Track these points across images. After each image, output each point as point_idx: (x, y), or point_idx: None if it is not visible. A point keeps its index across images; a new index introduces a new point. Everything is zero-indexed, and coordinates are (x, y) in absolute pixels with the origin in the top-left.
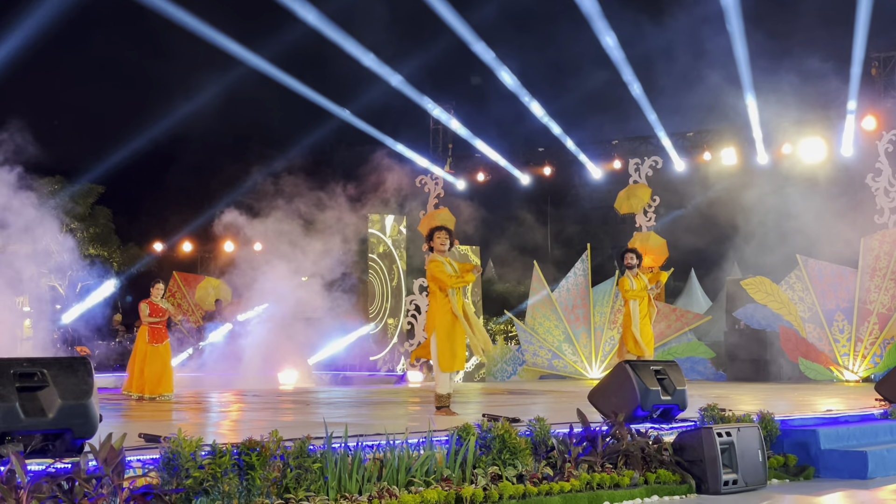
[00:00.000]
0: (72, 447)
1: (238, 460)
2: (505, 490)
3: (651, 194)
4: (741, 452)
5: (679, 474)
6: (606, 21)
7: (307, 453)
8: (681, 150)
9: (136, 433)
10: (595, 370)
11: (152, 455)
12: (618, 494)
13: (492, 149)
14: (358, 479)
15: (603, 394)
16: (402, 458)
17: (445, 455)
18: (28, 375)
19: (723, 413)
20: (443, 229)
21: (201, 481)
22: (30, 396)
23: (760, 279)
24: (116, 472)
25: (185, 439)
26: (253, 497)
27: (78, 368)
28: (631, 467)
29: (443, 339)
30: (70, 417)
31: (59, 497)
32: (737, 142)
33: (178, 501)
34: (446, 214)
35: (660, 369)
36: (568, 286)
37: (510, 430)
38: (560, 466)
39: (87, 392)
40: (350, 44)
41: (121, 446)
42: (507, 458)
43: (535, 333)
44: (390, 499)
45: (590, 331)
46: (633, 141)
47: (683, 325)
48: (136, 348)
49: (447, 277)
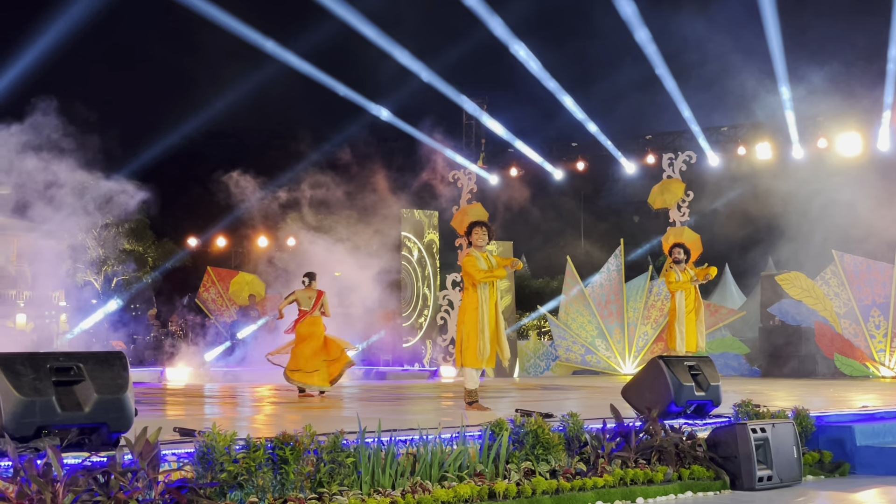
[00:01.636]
0: (108, 441)
1: (272, 454)
2: (538, 485)
3: (685, 189)
4: (776, 449)
5: (713, 470)
6: (640, 16)
7: (340, 448)
8: (715, 145)
9: (171, 427)
10: (628, 366)
11: (187, 449)
12: (651, 490)
13: (525, 144)
14: (391, 474)
15: (636, 389)
16: (435, 453)
17: (478, 450)
18: (64, 370)
19: (757, 409)
20: (482, 224)
21: (235, 475)
22: (66, 391)
23: (795, 274)
24: (152, 465)
25: (220, 433)
26: (287, 491)
27: (113, 363)
28: (664, 463)
29: (470, 334)
30: (106, 411)
31: (95, 490)
32: (772, 136)
33: (212, 495)
34: (479, 209)
35: (694, 365)
36: (601, 281)
37: (543, 425)
38: (593, 462)
39: (123, 386)
40: (384, 40)
41: (156, 440)
42: (540, 453)
43: (569, 329)
44: (423, 493)
45: (623, 326)
46: (666, 136)
47: (717, 320)
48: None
49: (476, 272)
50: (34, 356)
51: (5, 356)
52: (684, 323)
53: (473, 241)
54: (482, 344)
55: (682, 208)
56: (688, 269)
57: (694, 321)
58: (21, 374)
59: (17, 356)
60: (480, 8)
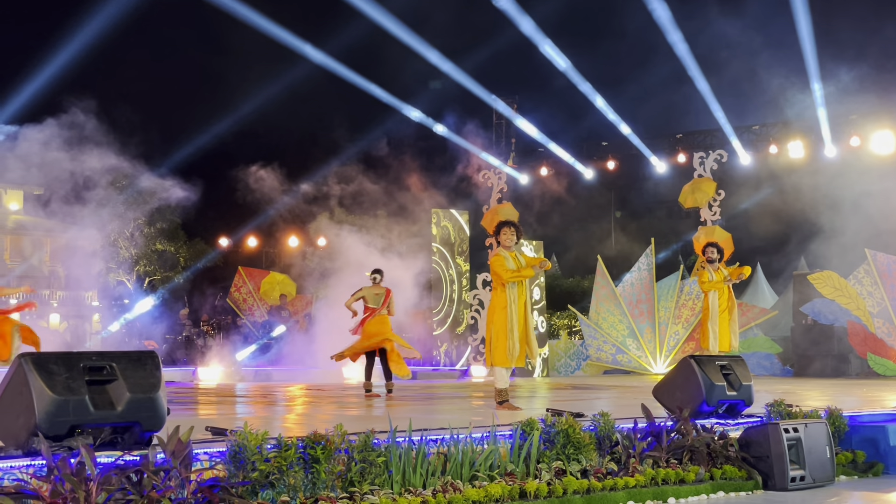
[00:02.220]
0: (140, 440)
1: (303, 454)
2: (569, 485)
3: (716, 188)
4: (808, 448)
5: (745, 470)
6: (671, 14)
7: (371, 447)
8: (746, 144)
9: (203, 426)
10: (660, 365)
11: (219, 448)
12: (683, 490)
13: (555, 143)
14: (422, 473)
15: (668, 389)
16: (465, 453)
17: (509, 450)
18: (97, 369)
19: (790, 409)
20: (510, 224)
21: (267, 474)
22: (99, 390)
23: (828, 273)
24: (184, 464)
25: (251, 433)
26: (318, 490)
27: (146, 362)
28: (696, 463)
29: (499, 334)
30: (138, 410)
31: (127, 489)
32: (804, 135)
33: (244, 494)
34: (509, 209)
35: (725, 364)
36: (632, 281)
37: (574, 424)
38: (624, 462)
39: (155, 385)
40: (414, 40)
41: (188, 439)
42: (571, 452)
43: (599, 328)
44: (454, 493)
45: (654, 326)
46: (697, 134)
47: (749, 319)
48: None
49: (504, 271)
50: (67, 355)
51: (39, 356)
52: (717, 322)
53: (502, 242)
54: (511, 343)
55: (712, 207)
56: (721, 269)
57: (727, 320)
58: (54, 374)
59: (50, 356)
60: (510, 7)
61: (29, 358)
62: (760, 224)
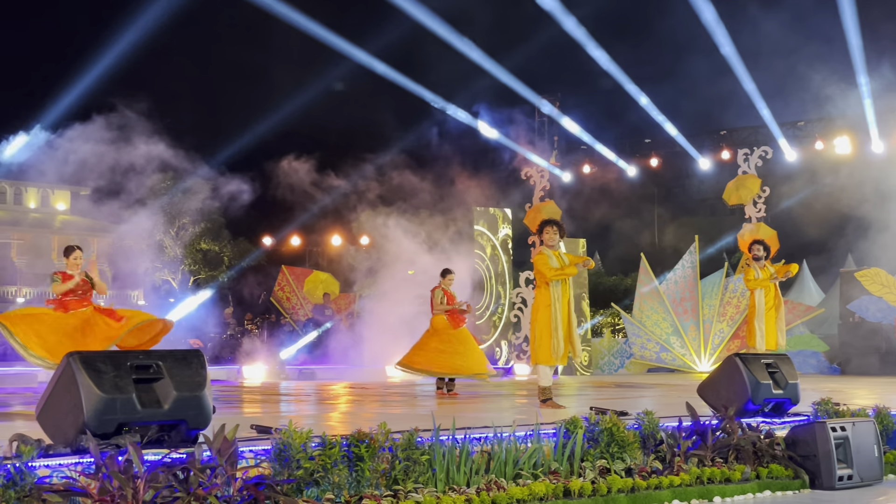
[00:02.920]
0: (186, 438)
1: (347, 452)
2: (613, 484)
3: (761, 185)
4: (856, 447)
5: (792, 469)
6: (715, 10)
7: (415, 445)
8: (792, 140)
9: (249, 424)
10: (704, 363)
11: (264, 446)
12: (729, 489)
13: (598, 141)
14: (466, 472)
15: (713, 387)
16: (509, 451)
17: (553, 448)
18: (144, 367)
19: (837, 407)
20: (552, 223)
21: (312, 472)
22: (146, 388)
23: (875, 270)
24: (230, 462)
25: (296, 431)
26: (362, 488)
27: (192, 361)
28: (742, 462)
29: (543, 332)
30: (185, 409)
31: (174, 486)
32: (850, 130)
33: (289, 492)
34: (552, 207)
35: (771, 363)
36: (676, 278)
37: (618, 423)
38: (669, 460)
39: (201, 384)
40: (456, 38)
41: (234, 437)
42: (616, 451)
43: (643, 326)
44: (498, 491)
45: (698, 323)
46: (741, 131)
47: (796, 317)
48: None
49: (548, 270)
50: (115, 354)
51: (87, 354)
52: (764, 320)
53: (544, 240)
54: (556, 342)
55: (757, 204)
56: (767, 266)
57: (774, 318)
58: (102, 372)
59: (98, 354)
60: (553, 6)
61: (77, 357)
62: (806, 221)
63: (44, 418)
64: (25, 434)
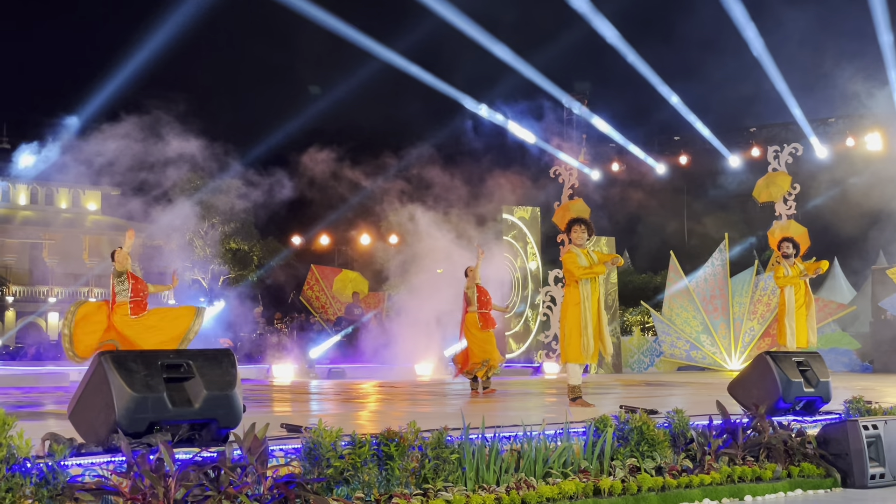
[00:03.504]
0: (217, 436)
1: (377, 450)
2: (643, 482)
3: (791, 182)
4: (888, 446)
5: (824, 468)
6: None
7: (445, 444)
8: (822, 137)
9: (279, 423)
10: (734, 361)
11: (294, 445)
12: (760, 488)
13: (626, 138)
14: (495, 470)
15: (743, 385)
16: (539, 450)
17: (583, 446)
18: (175, 367)
19: (869, 405)
20: (581, 222)
21: (342, 471)
22: (177, 387)
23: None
24: (260, 460)
25: (326, 430)
26: (392, 487)
27: (222, 360)
28: (773, 460)
29: (572, 330)
30: (215, 407)
31: (205, 485)
32: (882, 126)
33: (319, 490)
34: (581, 205)
35: (802, 360)
36: (706, 276)
37: (648, 421)
38: (700, 459)
39: (231, 383)
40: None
41: (264, 436)
42: (646, 449)
43: (673, 324)
44: (528, 490)
45: (729, 322)
46: (772, 128)
47: (827, 315)
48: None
49: (576, 268)
50: (145, 354)
51: (119, 354)
52: (794, 318)
53: (573, 239)
54: (585, 340)
55: (788, 201)
56: (797, 264)
57: (804, 316)
58: (133, 372)
59: (129, 354)
60: (582, 4)
61: (109, 356)
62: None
63: (76, 417)
64: (58, 433)
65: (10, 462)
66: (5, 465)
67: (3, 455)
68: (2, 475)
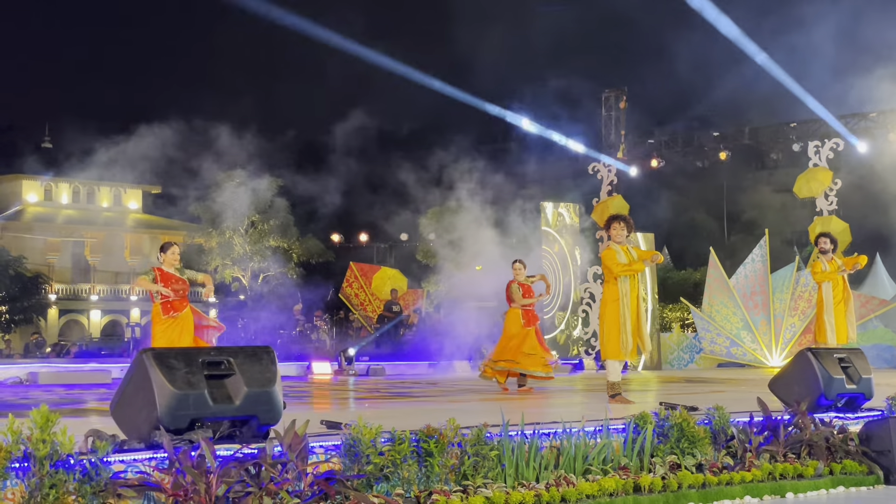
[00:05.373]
0: (257, 433)
1: (417, 447)
2: (684, 479)
3: (832, 177)
4: None
5: (866, 465)
6: None
7: (484, 441)
8: (863, 132)
9: (319, 420)
10: (775, 358)
11: (334, 441)
12: (801, 485)
13: (665, 135)
14: (535, 467)
15: (784, 382)
16: (578, 447)
17: (622, 443)
18: (215, 364)
19: None
20: (620, 219)
21: (381, 467)
22: (217, 384)
23: None
24: (300, 457)
25: (366, 426)
26: (432, 483)
27: (262, 357)
28: (815, 458)
29: (611, 327)
30: (255, 404)
31: (246, 481)
32: None
33: (359, 487)
34: (620, 202)
35: (844, 357)
36: (746, 273)
37: (688, 418)
38: (740, 456)
39: (272, 380)
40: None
41: (304, 433)
42: (686, 446)
43: (713, 321)
44: (568, 487)
45: (769, 318)
46: (812, 123)
47: (869, 311)
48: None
49: (615, 265)
50: (187, 351)
51: (160, 351)
52: (833, 314)
53: (612, 236)
54: (624, 337)
55: (828, 197)
56: (835, 259)
57: (843, 312)
58: (175, 369)
59: (170, 351)
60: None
61: (150, 353)
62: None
63: (118, 414)
64: (100, 430)
65: (54, 458)
66: (49, 462)
67: (46, 452)
68: (46, 471)
